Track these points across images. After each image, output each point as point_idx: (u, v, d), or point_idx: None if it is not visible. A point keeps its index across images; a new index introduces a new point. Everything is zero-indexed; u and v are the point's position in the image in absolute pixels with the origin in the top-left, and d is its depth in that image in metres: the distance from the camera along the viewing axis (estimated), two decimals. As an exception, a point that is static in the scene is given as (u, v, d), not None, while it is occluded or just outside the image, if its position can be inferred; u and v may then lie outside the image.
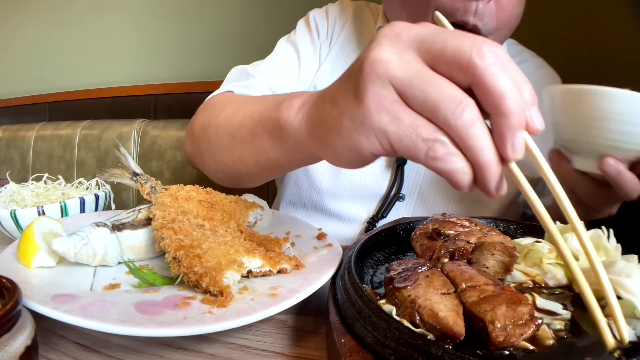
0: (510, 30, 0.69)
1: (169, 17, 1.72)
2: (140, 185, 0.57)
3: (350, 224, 0.77)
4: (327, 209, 0.77)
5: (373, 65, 0.30)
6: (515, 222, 0.53)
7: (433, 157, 0.29)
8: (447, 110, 0.28)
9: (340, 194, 0.76)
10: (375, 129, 0.30)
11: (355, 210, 0.76)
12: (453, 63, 0.28)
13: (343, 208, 0.76)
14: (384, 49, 0.30)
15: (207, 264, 0.40)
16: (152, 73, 1.74)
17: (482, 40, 0.28)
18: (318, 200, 0.77)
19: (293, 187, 0.80)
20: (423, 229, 0.46)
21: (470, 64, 0.28)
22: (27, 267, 0.43)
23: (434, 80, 0.29)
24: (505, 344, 0.29)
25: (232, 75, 0.78)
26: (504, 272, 0.40)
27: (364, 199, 0.76)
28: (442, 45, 0.29)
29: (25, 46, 1.96)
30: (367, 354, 0.30)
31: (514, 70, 0.29)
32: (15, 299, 0.29)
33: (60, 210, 0.61)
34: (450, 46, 0.28)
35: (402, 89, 0.29)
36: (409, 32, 0.30)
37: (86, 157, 1.52)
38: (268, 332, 0.41)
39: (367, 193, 0.76)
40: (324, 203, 0.77)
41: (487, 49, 0.28)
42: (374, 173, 0.75)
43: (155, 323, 0.33)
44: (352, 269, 0.39)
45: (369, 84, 0.30)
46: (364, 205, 0.76)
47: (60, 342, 0.39)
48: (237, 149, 0.54)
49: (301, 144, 0.42)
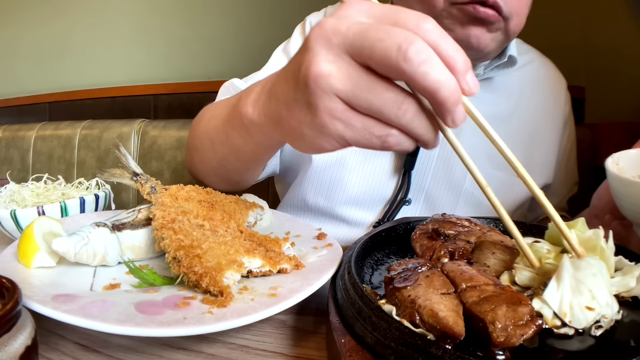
0: (521, 19, 0.66)
1: (169, 18, 1.72)
2: (140, 185, 0.57)
3: (357, 227, 0.77)
4: (334, 214, 0.77)
5: (317, 82, 0.32)
6: (515, 222, 0.53)
7: (387, 147, 0.34)
8: (390, 113, 0.32)
9: (347, 200, 0.76)
10: (333, 135, 0.34)
11: (361, 214, 0.77)
12: (383, 66, 0.31)
13: (350, 213, 0.76)
14: (321, 60, 0.32)
15: (207, 264, 0.40)
16: (152, 73, 1.74)
17: (408, 38, 0.29)
18: (325, 205, 0.77)
19: (298, 192, 0.80)
20: (423, 229, 0.46)
21: (398, 69, 0.30)
22: (27, 267, 0.43)
23: (374, 89, 0.32)
24: (506, 344, 0.29)
25: (221, 91, 0.79)
26: (505, 270, 0.40)
27: (370, 204, 0.76)
28: (369, 51, 0.31)
29: (25, 46, 1.96)
30: (367, 354, 0.30)
31: (445, 47, 0.31)
32: (15, 299, 0.29)
33: (60, 210, 0.61)
34: (377, 52, 0.30)
35: (347, 100, 0.32)
36: (337, 36, 0.32)
37: (86, 157, 1.52)
38: (268, 332, 0.41)
39: (374, 198, 0.76)
40: (330, 208, 0.77)
41: (413, 50, 0.29)
42: (381, 178, 0.75)
43: (155, 323, 0.33)
44: (352, 269, 0.39)
45: (318, 100, 0.33)
46: (370, 210, 0.76)
47: (60, 342, 0.39)
48: (219, 151, 0.60)
49: (268, 135, 0.46)
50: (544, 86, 0.82)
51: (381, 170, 0.74)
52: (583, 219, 0.42)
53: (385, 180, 0.75)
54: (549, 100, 0.81)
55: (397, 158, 0.74)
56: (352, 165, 0.74)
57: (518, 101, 0.78)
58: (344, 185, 0.75)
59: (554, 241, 0.44)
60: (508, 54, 0.72)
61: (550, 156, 0.80)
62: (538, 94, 0.80)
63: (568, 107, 0.84)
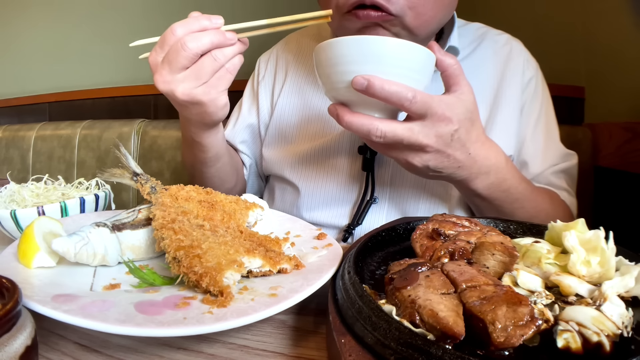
0: (420, 13, 0.64)
1: (169, 18, 1.72)
2: (140, 185, 0.57)
3: (331, 230, 0.81)
4: (308, 220, 0.79)
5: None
6: (515, 222, 0.53)
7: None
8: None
9: (315, 206, 0.81)
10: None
11: (332, 218, 0.80)
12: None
13: (321, 217, 0.80)
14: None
15: (207, 264, 0.40)
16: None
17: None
18: (298, 214, 0.80)
19: (279, 202, 0.87)
20: (423, 229, 0.46)
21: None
22: (27, 267, 0.43)
23: None
24: (506, 345, 0.29)
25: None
26: (504, 272, 0.40)
27: (339, 207, 0.80)
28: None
29: (25, 46, 1.96)
30: (367, 354, 0.30)
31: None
32: (15, 299, 0.29)
33: (60, 210, 0.61)
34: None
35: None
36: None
37: (86, 157, 1.52)
38: (268, 332, 0.41)
39: (341, 200, 0.79)
40: (303, 216, 0.81)
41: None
42: (345, 181, 0.79)
43: (155, 323, 0.33)
44: (352, 269, 0.39)
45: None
46: (340, 213, 0.80)
47: (60, 342, 0.39)
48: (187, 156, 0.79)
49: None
50: (506, 62, 0.80)
51: (343, 173, 0.79)
52: (583, 220, 0.42)
53: (349, 182, 0.79)
54: (507, 76, 0.79)
55: (356, 162, 0.78)
56: (311, 176, 0.81)
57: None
58: (310, 194, 0.81)
59: (554, 241, 0.44)
60: (448, 45, 0.74)
61: (510, 129, 0.78)
62: (488, 76, 0.79)
63: (527, 78, 0.80)
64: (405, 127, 0.50)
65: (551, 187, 0.77)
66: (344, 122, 0.51)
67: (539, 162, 0.78)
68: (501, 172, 0.60)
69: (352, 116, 0.51)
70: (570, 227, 0.42)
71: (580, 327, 0.31)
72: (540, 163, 0.78)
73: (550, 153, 0.79)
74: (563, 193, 0.77)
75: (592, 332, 0.30)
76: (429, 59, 0.51)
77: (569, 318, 0.32)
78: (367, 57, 0.48)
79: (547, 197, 0.72)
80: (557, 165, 0.79)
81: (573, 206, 0.78)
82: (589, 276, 0.38)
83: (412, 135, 0.51)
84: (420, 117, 0.51)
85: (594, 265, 0.39)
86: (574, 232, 0.40)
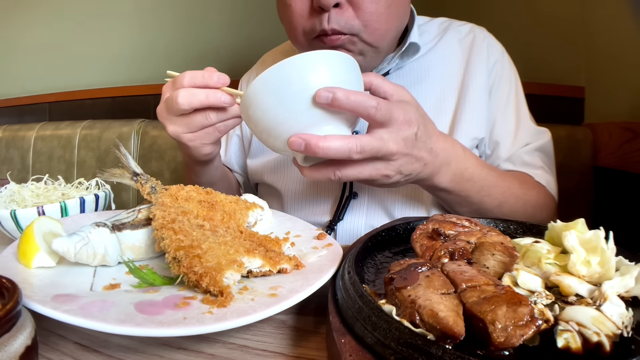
0: (374, 29, 0.67)
1: (169, 18, 1.72)
2: (140, 185, 0.57)
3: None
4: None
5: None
6: (515, 222, 0.53)
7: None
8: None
9: (298, 206, 0.84)
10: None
11: (314, 216, 0.82)
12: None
13: (303, 215, 0.82)
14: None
15: (207, 264, 0.40)
16: (152, 73, 1.74)
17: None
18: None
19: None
20: (423, 229, 0.46)
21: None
22: (27, 267, 0.43)
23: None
24: (506, 345, 0.29)
25: None
26: (504, 272, 0.40)
27: (320, 204, 0.82)
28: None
29: (25, 46, 1.96)
30: (367, 354, 0.30)
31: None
32: (15, 299, 0.29)
33: (60, 210, 0.61)
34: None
35: None
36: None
37: (86, 157, 1.52)
38: (268, 332, 0.41)
39: (322, 198, 0.82)
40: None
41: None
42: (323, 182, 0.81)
43: (155, 323, 0.33)
44: (352, 269, 0.39)
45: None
46: (322, 210, 0.82)
47: (60, 342, 0.39)
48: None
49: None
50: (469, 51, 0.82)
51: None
52: (583, 220, 0.42)
53: (328, 182, 0.80)
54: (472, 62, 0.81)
55: None
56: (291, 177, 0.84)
57: (434, 78, 0.81)
58: (293, 198, 0.84)
59: (554, 241, 0.44)
60: (408, 42, 0.76)
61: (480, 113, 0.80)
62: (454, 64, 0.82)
63: (492, 62, 0.81)
64: (375, 137, 0.49)
65: (527, 167, 0.78)
66: (319, 148, 0.46)
67: (510, 142, 0.80)
68: (461, 161, 0.61)
69: (325, 139, 0.46)
70: (570, 227, 0.42)
71: (580, 327, 0.31)
72: (511, 143, 0.80)
73: (521, 132, 0.81)
74: (539, 172, 0.78)
75: (592, 332, 0.30)
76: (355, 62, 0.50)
77: (569, 318, 0.32)
78: (320, 70, 0.46)
79: (517, 181, 0.72)
80: (530, 144, 0.80)
81: (550, 184, 0.79)
82: (589, 276, 0.38)
83: (384, 144, 0.49)
84: (382, 124, 0.49)
85: (594, 265, 0.39)
86: (574, 232, 0.40)
